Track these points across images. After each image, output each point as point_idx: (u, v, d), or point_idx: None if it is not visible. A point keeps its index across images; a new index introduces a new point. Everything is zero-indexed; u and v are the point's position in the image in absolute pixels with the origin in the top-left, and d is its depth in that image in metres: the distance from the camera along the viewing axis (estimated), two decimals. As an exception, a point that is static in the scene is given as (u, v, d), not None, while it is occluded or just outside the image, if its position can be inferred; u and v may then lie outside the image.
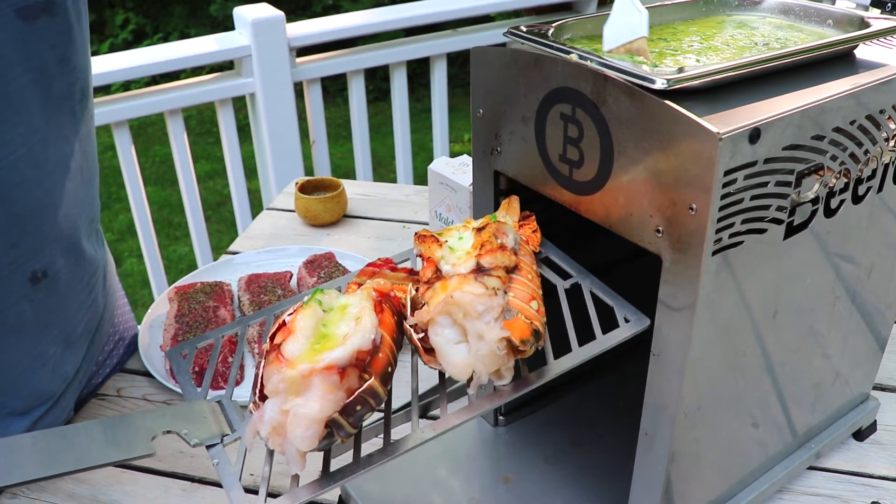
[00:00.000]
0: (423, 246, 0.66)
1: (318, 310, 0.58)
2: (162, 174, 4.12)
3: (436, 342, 0.58)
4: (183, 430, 0.58)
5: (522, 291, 0.61)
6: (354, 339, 0.55)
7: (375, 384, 0.53)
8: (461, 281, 0.59)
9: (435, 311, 0.58)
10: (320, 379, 0.52)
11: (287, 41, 2.20)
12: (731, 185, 0.55)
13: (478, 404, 0.59)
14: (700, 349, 0.61)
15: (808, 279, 0.69)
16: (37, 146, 0.80)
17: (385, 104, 2.60)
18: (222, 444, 0.58)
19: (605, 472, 0.85)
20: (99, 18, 5.19)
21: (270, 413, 0.53)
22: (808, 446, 0.85)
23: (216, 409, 0.61)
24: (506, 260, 0.62)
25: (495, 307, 0.57)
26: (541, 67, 0.64)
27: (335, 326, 0.57)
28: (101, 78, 2.01)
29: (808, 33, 0.73)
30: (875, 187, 0.70)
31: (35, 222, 0.82)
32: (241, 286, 1.20)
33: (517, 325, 0.57)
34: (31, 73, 0.77)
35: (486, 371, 0.57)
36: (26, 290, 0.84)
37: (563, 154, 0.65)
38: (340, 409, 0.53)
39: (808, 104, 0.58)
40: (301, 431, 0.52)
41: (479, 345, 0.56)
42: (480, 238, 0.64)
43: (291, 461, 0.54)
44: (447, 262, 0.63)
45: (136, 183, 2.16)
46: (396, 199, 1.56)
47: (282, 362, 0.53)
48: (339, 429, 0.53)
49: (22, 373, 0.88)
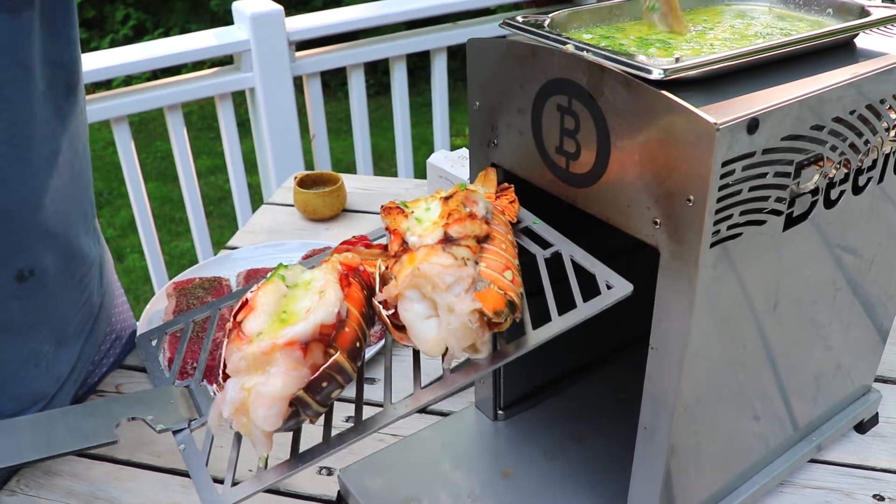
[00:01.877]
0: (389, 218, 0.63)
1: (280, 285, 0.56)
2: (163, 170, 4.12)
3: (405, 318, 0.55)
4: (148, 416, 0.57)
5: (495, 261, 0.58)
6: (317, 313, 0.52)
7: (342, 359, 0.51)
8: (428, 252, 0.56)
9: (402, 285, 0.55)
10: (282, 355, 0.50)
11: (286, 35, 2.20)
12: (729, 177, 0.54)
13: (452, 379, 0.56)
14: (699, 342, 0.61)
15: (809, 271, 0.68)
16: (21, 143, 0.78)
17: (386, 98, 2.60)
18: (189, 429, 0.57)
19: (605, 467, 0.84)
20: (99, 14, 5.18)
21: (232, 393, 0.51)
22: (810, 439, 0.84)
23: (185, 394, 0.59)
24: (476, 229, 0.59)
25: (465, 278, 0.54)
26: (537, 58, 0.63)
27: (298, 302, 0.55)
28: (102, 73, 2.01)
29: (808, 22, 0.72)
30: (875, 178, 0.69)
31: (20, 220, 0.81)
32: (240, 281, 1.19)
33: (490, 296, 0.54)
34: (15, 67, 0.75)
35: (459, 346, 0.54)
36: (13, 289, 0.83)
37: (559, 146, 0.64)
38: (305, 386, 0.50)
39: (807, 94, 0.57)
40: (264, 411, 0.49)
41: (450, 318, 0.53)
42: (448, 207, 0.61)
43: (257, 442, 0.51)
44: (413, 234, 0.60)
45: (136, 179, 2.16)
46: (396, 193, 1.56)
47: (242, 339, 0.51)
48: (305, 407, 0.50)
49: (12, 373, 0.87)
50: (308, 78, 2.34)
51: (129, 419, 0.56)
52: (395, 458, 0.86)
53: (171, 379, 0.61)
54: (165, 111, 2.15)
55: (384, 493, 0.82)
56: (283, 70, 2.24)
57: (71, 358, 0.95)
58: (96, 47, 4.95)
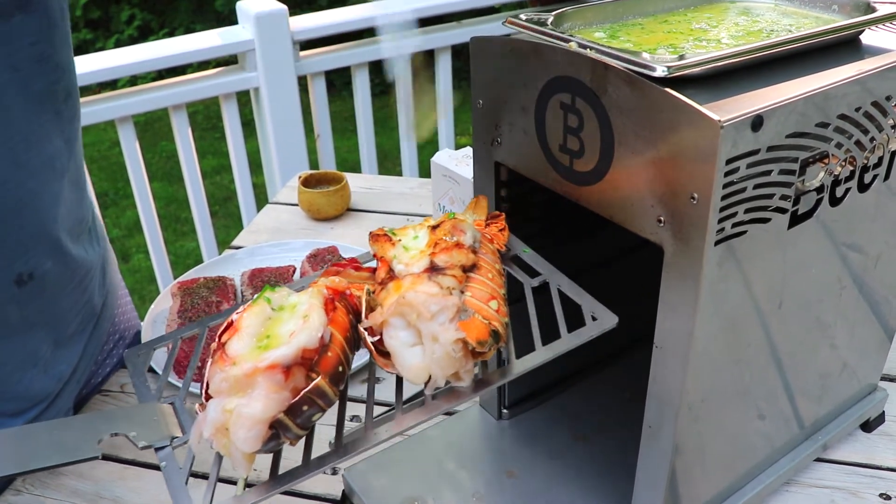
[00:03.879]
0: (377, 245, 0.64)
1: (265, 308, 0.56)
2: (169, 169, 4.13)
3: (390, 345, 0.56)
4: (132, 432, 0.56)
5: (481, 291, 0.59)
6: (300, 337, 0.53)
7: (323, 384, 0.51)
8: (414, 281, 0.57)
9: (388, 312, 0.56)
10: (264, 378, 0.50)
11: (290, 34, 2.20)
12: (733, 174, 0.54)
13: (433, 405, 0.57)
14: (703, 341, 0.60)
15: (814, 269, 0.68)
16: (18, 146, 0.78)
17: (391, 97, 2.59)
18: (171, 446, 0.57)
19: (609, 466, 0.84)
20: (105, 14, 5.19)
21: (213, 413, 0.51)
22: (816, 438, 0.84)
23: (168, 411, 0.59)
24: (462, 258, 0.60)
25: (450, 307, 0.55)
26: (540, 56, 0.63)
27: (282, 325, 0.55)
28: (107, 73, 2.02)
29: (813, 19, 0.72)
30: (881, 175, 0.68)
31: (18, 224, 0.81)
32: (244, 281, 1.19)
33: (474, 326, 0.54)
34: (8, 71, 0.75)
35: (442, 374, 0.55)
36: (11, 293, 0.83)
37: (563, 144, 0.64)
38: (286, 409, 0.50)
39: (812, 91, 0.57)
40: (244, 433, 0.50)
41: (434, 347, 0.54)
42: (435, 236, 0.62)
43: (237, 463, 0.52)
44: (400, 262, 0.60)
45: (141, 179, 2.16)
46: (400, 192, 1.56)
47: (225, 361, 0.52)
48: (285, 430, 0.51)
49: (11, 374, 0.87)
50: (312, 77, 2.34)
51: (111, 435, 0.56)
52: (399, 458, 0.86)
53: (157, 395, 0.61)
54: (170, 111, 2.15)
55: (388, 493, 0.82)
56: (288, 69, 2.24)
57: (72, 358, 0.95)
58: (101, 48, 4.96)
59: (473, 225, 0.65)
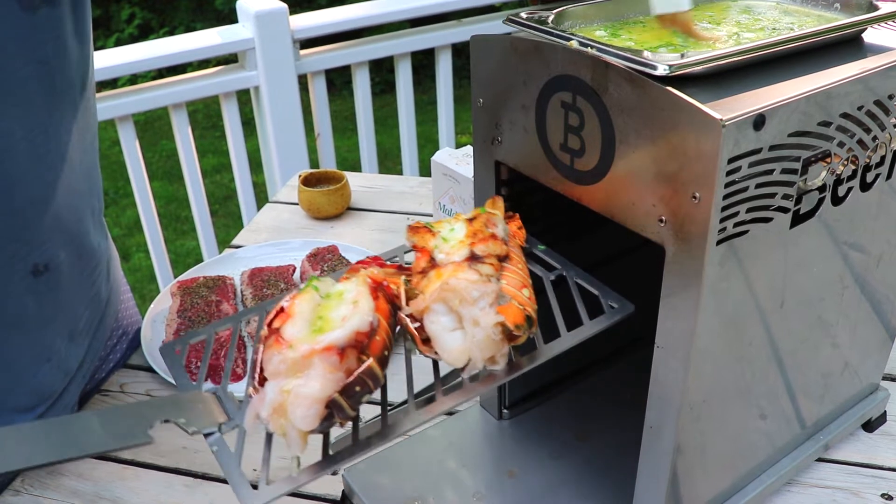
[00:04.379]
0: (417, 237, 0.66)
1: (315, 295, 0.59)
2: (169, 168, 4.13)
3: (432, 330, 0.58)
4: (180, 419, 0.58)
5: (514, 279, 0.61)
6: (353, 321, 0.55)
7: (374, 365, 0.54)
8: (456, 268, 0.59)
9: (431, 298, 0.58)
10: (320, 359, 0.53)
11: (291, 33, 2.19)
12: (735, 174, 0.54)
13: (472, 387, 0.59)
14: (705, 340, 0.60)
15: (816, 268, 0.68)
16: (38, 138, 0.79)
17: (391, 96, 2.59)
18: (220, 431, 0.58)
19: (610, 466, 0.84)
20: (105, 13, 5.19)
21: (271, 394, 0.53)
22: (817, 438, 0.84)
23: (212, 400, 0.61)
24: (497, 248, 0.62)
25: (490, 293, 0.57)
26: (540, 55, 0.63)
27: (333, 311, 0.58)
28: (107, 72, 2.02)
29: (815, 17, 0.72)
30: (884, 174, 0.68)
31: (36, 215, 0.81)
32: (244, 280, 1.19)
33: (511, 311, 0.57)
34: (33, 64, 0.76)
35: (481, 357, 0.57)
36: (28, 284, 0.83)
37: (563, 143, 0.64)
38: (340, 389, 0.53)
39: (814, 89, 0.57)
40: (303, 411, 0.52)
41: (475, 330, 0.56)
42: (473, 227, 0.64)
43: (292, 442, 0.53)
44: (441, 251, 0.63)
45: (140, 177, 2.16)
46: (401, 191, 1.55)
47: (282, 344, 0.54)
48: (339, 410, 0.53)
49: (26, 368, 0.87)
50: (313, 76, 2.33)
51: (162, 421, 0.57)
52: (399, 457, 0.86)
53: (199, 385, 0.63)
54: (170, 110, 2.15)
55: (389, 493, 0.82)
56: (288, 68, 2.23)
57: (79, 353, 0.95)
58: (102, 46, 4.95)
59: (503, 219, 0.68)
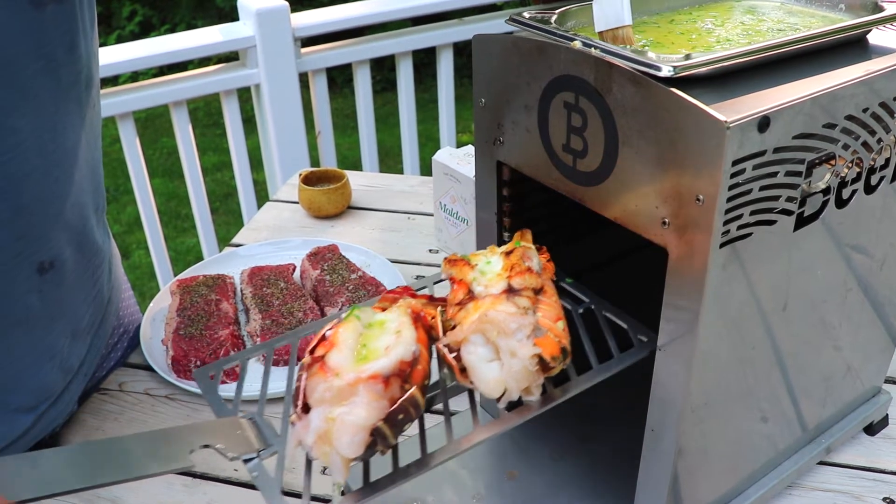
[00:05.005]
0: (455, 269, 0.68)
1: (358, 324, 0.61)
2: (170, 166, 4.12)
3: (469, 360, 0.59)
4: (219, 444, 0.59)
5: (549, 311, 0.62)
6: (398, 350, 0.57)
7: (417, 393, 0.55)
8: (494, 301, 0.61)
9: (469, 329, 0.59)
10: (365, 388, 0.54)
11: (292, 31, 2.19)
12: (739, 176, 0.53)
13: (508, 417, 0.61)
14: (707, 343, 0.60)
15: (819, 271, 0.67)
16: (45, 135, 0.78)
17: (392, 94, 2.59)
18: (259, 457, 0.59)
19: (611, 469, 0.83)
20: (106, 10, 5.19)
21: (316, 421, 0.54)
22: (819, 441, 0.83)
23: (249, 426, 0.62)
24: (533, 281, 0.64)
25: (527, 325, 0.59)
26: (543, 55, 0.62)
27: (376, 340, 0.60)
28: (108, 69, 2.01)
29: (819, 18, 0.71)
30: (888, 177, 0.68)
31: (42, 212, 0.81)
32: (244, 279, 1.19)
33: (547, 343, 0.59)
34: (42, 61, 0.76)
35: (517, 388, 0.58)
36: (34, 282, 0.83)
37: (566, 144, 0.63)
38: (384, 417, 0.54)
39: (819, 91, 0.56)
40: (348, 438, 0.53)
41: (512, 362, 0.58)
42: (510, 260, 0.66)
43: (335, 469, 0.54)
44: (479, 284, 0.64)
45: (141, 175, 2.16)
46: (401, 190, 1.55)
47: (327, 372, 0.55)
48: (382, 438, 0.54)
49: (29, 367, 0.87)
50: (314, 74, 2.33)
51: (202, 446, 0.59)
52: (399, 458, 0.85)
53: (235, 410, 0.64)
54: (171, 107, 2.14)
55: (389, 492, 0.81)
56: (289, 66, 2.23)
57: (81, 352, 0.95)
58: (103, 43, 4.93)
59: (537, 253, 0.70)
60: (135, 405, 1.00)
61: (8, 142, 0.74)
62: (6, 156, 0.74)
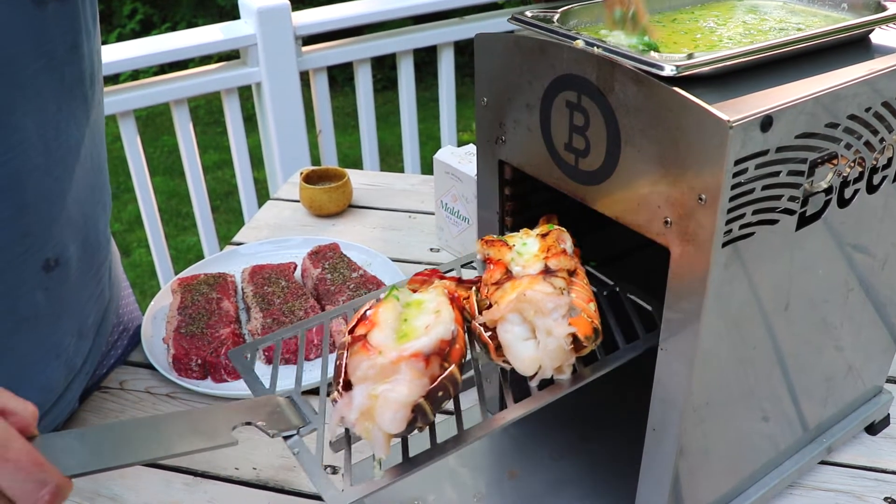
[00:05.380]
0: (493, 249, 0.69)
1: (397, 304, 0.62)
2: (171, 164, 4.12)
3: (505, 339, 0.61)
4: (260, 421, 0.60)
5: (582, 293, 0.64)
6: (438, 329, 0.58)
7: (455, 371, 0.57)
8: (531, 281, 0.62)
9: (506, 308, 0.61)
10: (407, 365, 0.55)
11: (293, 30, 2.19)
12: (741, 175, 0.53)
13: (540, 396, 0.62)
14: (709, 342, 0.60)
15: (821, 271, 0.67)
16: (49, 133, 0.78)
17: (394, 93, 2.58)
18: (299, 434, 0.61)
19: (612, 468, 0.83)
20: (107, 9, 5.18)
21: (360, 398, 0.55)
22: (820, 441, 0.83)
23: (287, 404, 0.63)
24: (568, 263, 0.65)
25: (563, 305, 0.60)
26: (545, 54, 0.62)
27: (415, 319, 0.61)
28: (109, 68, 2.01)
29: (822, 18, 0.71)
30: (891, 176, 0.68)
31: (47, 209, 0.81)
32: (245, 277, 1.19)
33: (581, 323, 0.60)
34: (44, 59, 0.76)
35: (551, 366, 0.60)
36: (40, 279, 0.83)
37: (568, 143, 0.63)
38: (424, 394, 0.55)
39: (821, 91, 0.56)
40: (391, 414, 0.54)
41: (548, 340, 0.59)
42: (546, 242, 0.67)
43: (377, 445, 0.55)
44: (517, 264, 0.66)
45: (142, 173, 2.16)
46: (402, 189, 1.55)
47: (370, 350, 0.56)
48: (422, 415, 0.55)
49: (35, 364, 0.87)
50: (314, 73, 2.33)
51: (244, 423, 0.60)
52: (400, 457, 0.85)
53: (272, 389, 0.65)
54: (171, 106, 2.14)
55: (389, 492, 0.81)
56: (290, 65, 2.23)
57: (84, 350, 0.95)
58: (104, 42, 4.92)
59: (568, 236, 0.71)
60: (136, 403, 1.00)
61: (11, 140, 0.74)
62: (9, 154, 0.74)
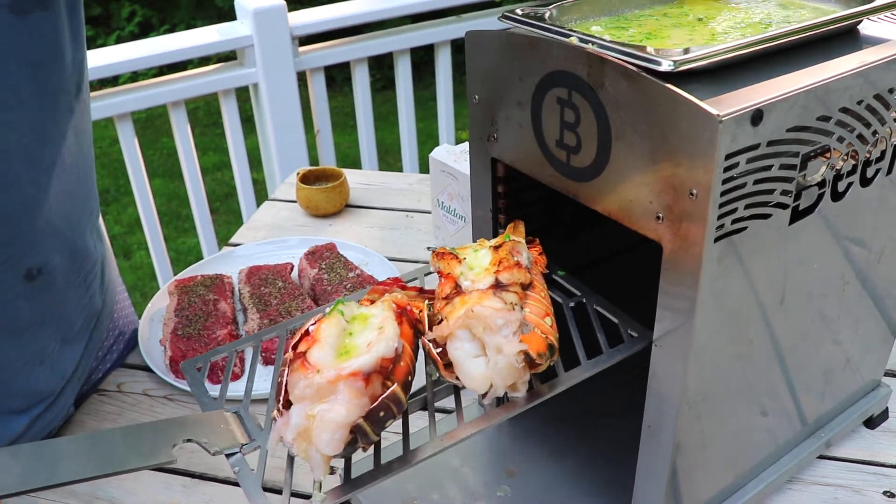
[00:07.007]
0: (442, 263, 0.67)
1: (341, 320, 0.60)
2: (170, 166, 4.12)
3: (455, 356, 0.59)
4: (203, 438, 0.59)
5: (537, 307, 0.62)
6: (379, 347, 0.56)
7: (398, 391, 0.55)
8: (481, 296, 0.60)
9: (455, 325, 0.59)
10: (346, 385, 0.54)
11: (289, 30, 2.19)
12: (733, 170, 0.53)
13: (493, 413, 0.61)
14: (704, 338, 0.59)
15: (817, 264, 0.67)
16: (32, 142, 0.78)
17: (392, 92, 2.58)
18: (241, 452, 0.59)
19: (609, 465, 0.83)
20: (105, 11, 5.18)
21: (296, 418, 0.54)
22: (818, 435, 0.83)
23: (234, 420, 0.62)
24: (522, 277, 0.63)
25: (513, 321, 0.58)
26: (536, 51, 0.62)
27: (358, 336, 0.59)
28: (106, 70, 2.01)
29: (810, 10, 0.71)
30: (884, 169, 0.67)
31: (29, 219, 0.81)
32: (242, 278, 1.18)
33: (534, 339, 0.58)
34: (26, 68, 0.75)
35: (503, 384, 0.58)
36: (21, 288, 0.83)
37: (560, 139, 0.63)
38: (364, 414, 0.54)
39: (812, 84, 0.56)
40: (328, 436, 0.53)
41: (498, 358, 0.57)
42: (498, 255, 0.65)
43: (315, 466, 0.54)
44: (466, 278, 0.64)
45: (140, 175, 2.16)
46: (399, 188, 1.55)
47: (308, 369, 0.55)
48: (363, 435, 0.54)
49: (19, 371, 0.87)
50: (312, 73, 2.33)
51: (185, 441, 0.58)
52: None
53: (221, 404, 0.64)
54: (169, 108, 2.14)
55: (388, 492, 0.81)
56: (287, 65, 2.22)
57: (75, 356, 0.95)
58: (102, 44, 4.95)
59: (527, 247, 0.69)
60: (133, 406, 1.00)
61: None
62: None
